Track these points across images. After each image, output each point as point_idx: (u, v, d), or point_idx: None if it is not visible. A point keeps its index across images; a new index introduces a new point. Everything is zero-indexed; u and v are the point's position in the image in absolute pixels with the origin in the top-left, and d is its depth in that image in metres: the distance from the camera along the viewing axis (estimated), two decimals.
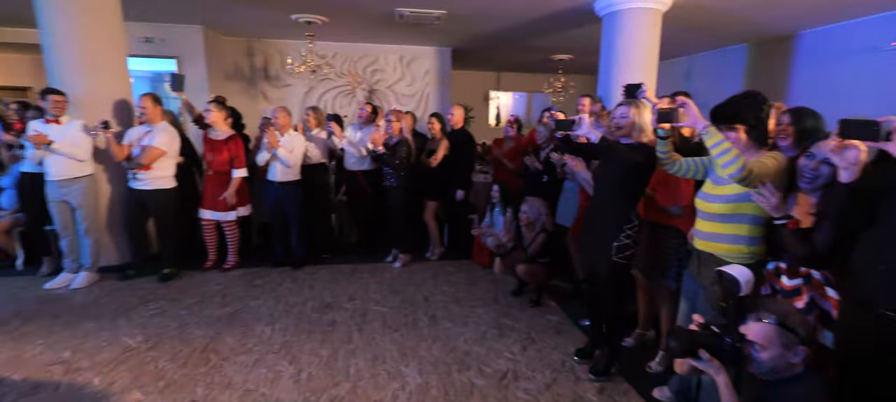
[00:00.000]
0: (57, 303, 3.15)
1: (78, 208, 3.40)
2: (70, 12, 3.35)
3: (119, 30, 3.66)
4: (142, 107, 3.35)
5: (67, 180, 3.33)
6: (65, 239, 3.48)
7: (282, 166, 3.67)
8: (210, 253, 3.90)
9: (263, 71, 7.21)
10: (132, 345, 2.57)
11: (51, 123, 3.25)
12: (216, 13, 5.46)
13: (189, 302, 3.19)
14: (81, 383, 2.21)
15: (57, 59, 3.40)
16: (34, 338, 2.64)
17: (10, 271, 3.79)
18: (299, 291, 3.46)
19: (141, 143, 3.39)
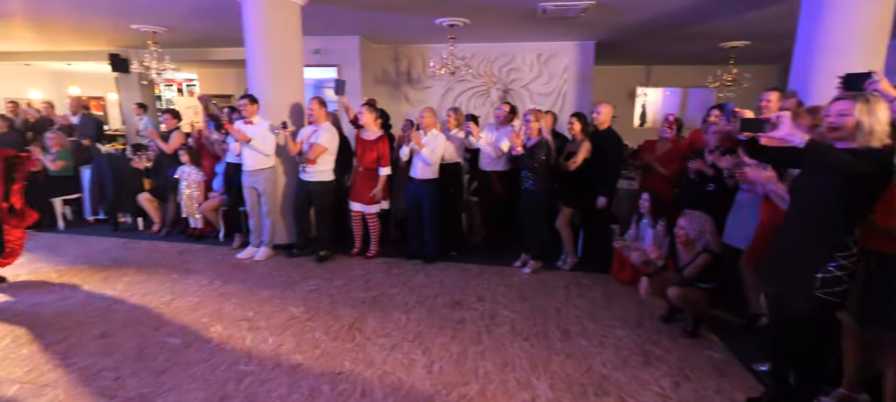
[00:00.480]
0: (244, 271, 3.83)
1: (262, 194, 4.09)
2: (265, 33, 4.04)
3: (299, 45, 4.30)
4: (311, 109, 3.87)
5: (256, 171, 4.02)
6: (252, 219, 4.22)
7: (423, 164, 3.86)
8: (356, 241, 4.31)
9: (407, 74, 7.76)
10: (296, 314, 2.97)
11: (247, 124, 3.96)
12: (372, 24, 6.03)
13: (339, 283, 3.57)
14: (260, 339, 2.62)
15: (254, 70, 4.13)
16: (230, 297, 3.25)
17: (213, 241, 4.75)
18: (431, 285, 3.59)
19: (309, 140, 3.91)
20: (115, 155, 5.38)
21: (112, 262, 4.05)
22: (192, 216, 4.81)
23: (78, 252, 4.33)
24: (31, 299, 3.19)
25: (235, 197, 4.39)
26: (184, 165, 4.70)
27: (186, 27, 6.20)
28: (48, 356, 2.43)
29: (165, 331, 2.72)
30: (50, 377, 2.23)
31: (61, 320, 2.86)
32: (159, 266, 3.93)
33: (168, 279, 3.60)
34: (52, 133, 5.21)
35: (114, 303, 3.14)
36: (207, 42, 7.69)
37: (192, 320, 2.88)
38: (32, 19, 6.04)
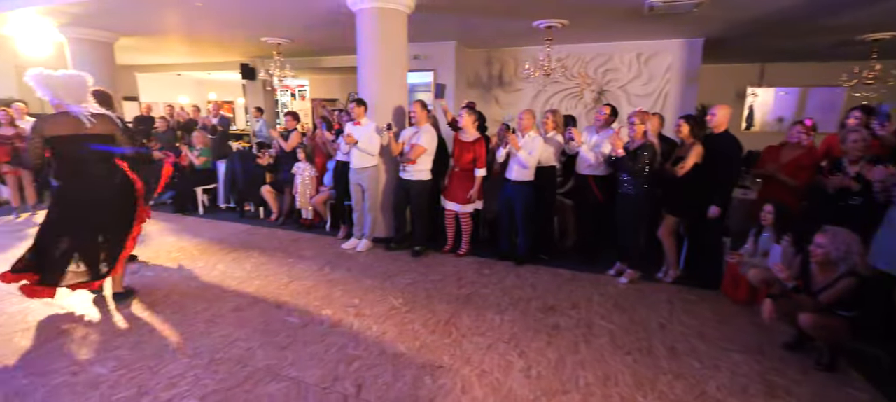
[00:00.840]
0: (349, 260, 4.17)
1: (366, 191, 4.41)
2: (375, 40, 4.36)
3: (404, 51, 4.57)
4: (413, 111, 4.08)
5: (361, 169, 4.35)
6: (356, 213, 4.58)
7: (519, 167, 3.86)
8: (448, 239, 4.45)
9: (498, 78, 7.80)
10: (396, 305, 3.17)
11: (355, 125, 4.30)
12: (468, 29, 6.18)
13: (434, 278, 3.72)
14: (365, 326, 2.84)
15: (364, 75, 4.48)
16: (337, 284, 3.57)
17: (321, 231, 5.24)
18: (522, 287, 3.58)
19: (411, 141, 4.13)
20: (244, 152, 6.18)
21: (240, 244, 4.67)
22: (305, 208, 5.35)
23: (213, 234, 5.06)
24: (181, 272, 3.81)
25: (342, 192, 4.80)
26: (299, 162, 5.26)
27: (306, 38, 6.90)
28: (196, 323, 2.89)
29: (285, 310, 3.08)
30: (199, 342, 2.65)
31: (205, 292, 3.38)
32: (277, 251, 4.44)
33: (285, 263, 4.06)
34: (197, 132, 6.16)
35: (244, 281, 3.63)
36: (320, 51, 8.48)
37: (307, 302, 3.22)
38: (185, 35, 7.18)
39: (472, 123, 4.09)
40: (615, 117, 4.09)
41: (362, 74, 4.49)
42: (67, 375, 2.26)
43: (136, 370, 2.31)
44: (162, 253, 4.31)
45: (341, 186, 4.79)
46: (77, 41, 6.32)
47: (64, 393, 2.11)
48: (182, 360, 2.41)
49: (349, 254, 4.38)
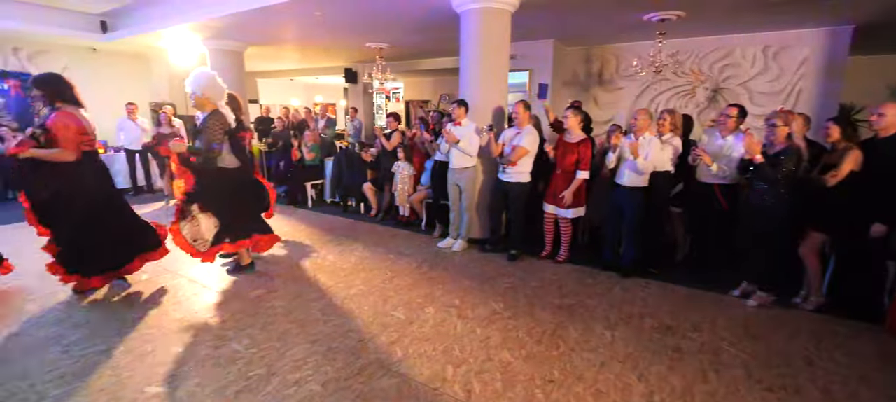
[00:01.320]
0: (445, 259, 4.22)
1: (463, 191, 4.43)
2: (479, 40, 4.35)
3: (506, 50, 4.51)
4: (515, 112, 4.00)
5: (460, 169, 4.38)
6: (452, 213, 4.62)
7: (631, 172, 3.59)
8: (546, 244, 4.29)
9: (598, 76, 7.37)
10: (497, 309, 3.12)
11: (455, 126, 4.33)
12: (568, 26, 5.91)
13: (533, 285, 3.61)
14: (468, 329, 2.83)
15: (466, 76, 4.49)
16: (437, 282, 3.62)
17: (417, 229, 5.39)
18: (632, 302, 3.31)
19: (512, 142, 4.05)
20: (349, 150, 6.60)
21: (345, 237, 4.97)
22: (402, 205, 5.55)
23: (322, 226, 5.47)
24: (298, 260, 4.15)
25: (439, 192, 4.88)
26: (399, 161, 5.46)
27: (406, 41, 7.17)
28: (313, 311, 3.11)
29: (391, 304, 3.19)
30: (317, 329, 2.84)
31: (319, 281, 3.63)
32: (378, 246, 4.65)
33: (386, 259, 4.23)
34: (309, 132, 6.70)
35: (351, 273, 3.84)
36: (417, 54, 8.76)
37: (410, 298, 3.30)
38: (299, 43, 7.87)
39: (578, 123, 3.89)
40: (744, 118, 3.61)
41: (464, 75, 4.51)
42: (210, 348, 2.56)
43: (265, 350, 2.54)
44: (281, 244, 4.75)
45: (438, 186, 4.87)
46: (216, 51, 7.25)
47: (207, 365, 2.40)
48: (303, 345, 2.60)
49: (445, 253, 4.43)
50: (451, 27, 5.90)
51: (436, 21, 5.52)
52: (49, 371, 2.32)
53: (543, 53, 6.82)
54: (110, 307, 3.09)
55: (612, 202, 3.80)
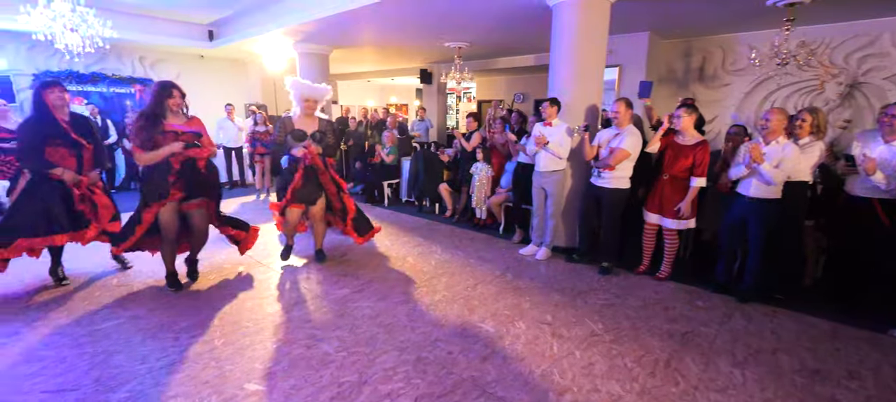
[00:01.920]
0: (530, 269, 3.96)
1: (550, 196, 4.14)
2: (574, 34, 4.03)
3: (603, 45, 4.14)
4: (616, 111, 3.63)
5: (548, 172, 4.09)
6: (536, 218, 4.34)
7: (761, 181, 3.07)
8: (644, 258, 3.86)
9: (698, 71, 6.63)
10: (596, 331, 2.81)
11: (546, 126, 4.05)
12: (669, 16, 5.34)
13: (633, 304, 3.23)
14: (566, 351, 2.56)
15: (557, 73, 4.19)
16: (524, 293, 3.38)
17: (494, 232, 5.17)
18: (759, 334, 2.82)
19: (610, 144, 3.69)
20: (427, 151, 6.56)
21: (423, 238, 4.90)
22: (479, 208, 5.37)
23: (400, 225, 5.46)
24: (379, 260, 4.13)
25: (521, 195, 4.63)
26: (478, 162, 5.29)
27: (486, 40, 7.00)
28: (399, 315, 3.02)
29: (478, 315, 3.01)
30: (404, 337, 2.74)
31: (402, 283, 3.56)
32: (457, 250, 4.50)
33: (467, 264, 4.06)
34: (388, 133, 6.77)
35: (433, 276, 3.73)
36: (493, 53, 8.55)
37: (497, 309, 3.10)
38: (378, 45, 8.01)
39: (692, 123, 3.43)
40: None
41: (556, 71, 4.21)
42: (303, 348, 2.56)
43: (355, 355, 2.48)
44: None
45: (520, 189, 4.61)
46: (304, 55, 7.61)
47: (301, 366, 2.38)
48: (392, 353, 2.51)
49: (528, 261, 4.17)
50: (536, 23, 5.63)
51: (523, 17, 5.27)
52: (161, 358, 2.44)
53: (636, 48, 6.26)
54: (211, 299, 3.25)
55: (732, 215, 3.29)
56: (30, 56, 7.17)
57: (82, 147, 3.19)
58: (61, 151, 3.09)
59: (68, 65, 7.32)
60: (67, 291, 3.33)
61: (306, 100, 3.61)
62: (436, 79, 10.51)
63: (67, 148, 3.11)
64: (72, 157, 3.13)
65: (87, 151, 3.23)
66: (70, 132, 3.11)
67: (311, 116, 3.68)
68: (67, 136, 3.08)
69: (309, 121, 3.66)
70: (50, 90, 3.03)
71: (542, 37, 6.57)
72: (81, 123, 3.25)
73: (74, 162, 3.15)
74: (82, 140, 3.19)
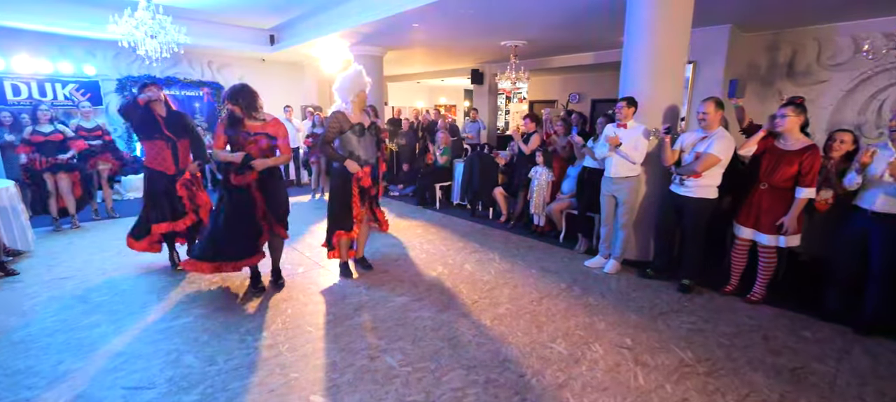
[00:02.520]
0: (600, 283, 3.66)
1: (622, 204, 3.81)
2: (653, 27, 3.68)
3: (685, 39, 3.76)
4: (704, 112, 3.25)
5: (620, 178, 3.77)
6: (604, 228, 4.02)
7: (887, 196, 2.61)
8: (733, 277, 3.45)
9: (786, 67, 5.96)
10: (686, 360, 2.49)
11: (620, 128, 3.74)
12: (761, 5, 4.81)
13: (725, 330, 2.86)
14: (656, 383, 2.28)
15: (632, 69, 3.86)
16: (596, 311, 3.10)
17: (553, 241, 4.88)
18: (892, 377, 2.38)
19: (695, 149, 3.32)
20: (482, 153, 6.38)
21: (480, 244, 4.71)
22: (538, 214, 5.10)
23: (454, 230, 5.30)
24: (436, 266, 3.99)
25: (587, 202, 4.32)
26: (538, 166, 5.03)
27: (547, 37, 6.71)
28: (462, 329, 2.85)
29: (548, 333, 2.78)
30: (471, 354, 2.57)
31: (462, 293, 3.39)
32: (516, 258, 4.27)
33: (529, 274, 3.83)
34: (442, 133, 6.65)
35: (494, 287, 3.53)
36: (550, 51, 8.22)
37: (568, 328, 2.85)
38: (431, 47, 7.92)
39: (798, 126, 3.00)
40: None
41: (630, 68, 3.88)
42: (366, 359, 2.45)
43: (420, 371, 2.34)
44: (415, 244, 4.70)
45: (586, 196, 4.31)
46: (359, 57, 7.67)
47: (366, 379, 2.27)
48: (459, 371, 2.34)
49: (596, 274, 3.86)
50: (606, 17, 5.28)
51: (593, 11, 4.95)
52: (228, 360, 2.42)
53: (714, 42, 5.73)
54: (272, 300, 3.25)
55: (850, 231, 2.83)
56: (115, 63, 7.74)
57: (177, 141, 3.47)
58: (159, 145, 3.40)
59: (147, 69, 7.83)
60: (140, 289, 3.46)
61: (361, 93, 3.41)
62: (487, 79, 10.31)
63: (164, 141, 3.40)
64: (168, 149, 3.43)
65: (182, 144, 3.51)
66: (164, 128, 3.39)
67: (363, 110, 3.50)
68: (162, 131, 3.38)
69: (362, 116, 3.48)
70: (148, 88, 3.31)
71: (609, 32, 6.20)
72: (176, 118, 3.52)
73: (170, 155, 3.45)
74: (173, 136, 3.45)
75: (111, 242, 4.60)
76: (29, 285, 3.48)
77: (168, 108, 3.50)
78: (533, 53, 8.19)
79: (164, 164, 3.52)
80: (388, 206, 6.74)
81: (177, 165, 3.54)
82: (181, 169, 3.56)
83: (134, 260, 4.03)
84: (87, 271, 3.76)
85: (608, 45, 7.39)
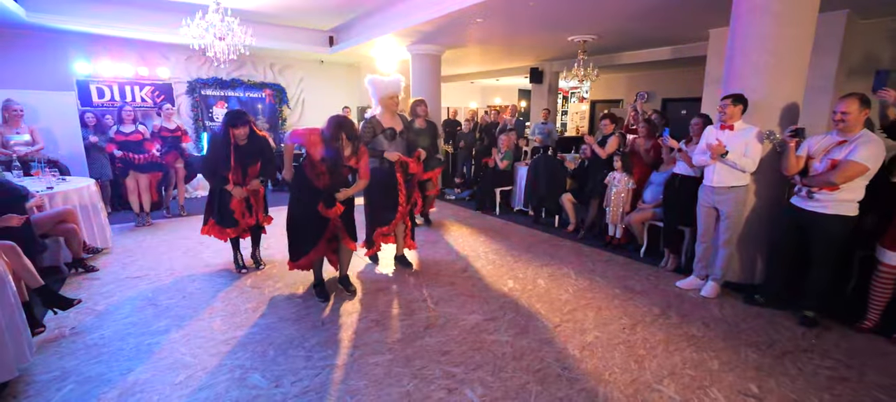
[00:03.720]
0: (699, 309, 3.17)
1: (725, 217, 3.29)
2: (768, 11, 3.14)
3: (812, 24, 3.18)
4: (844, 111, 2.69)
5: (724, 188, 3.25)
6: (701, 245, 3.51)
7: None
8: (871, 311, 2.84)
9: None
10: None
11: (724, 130, 3.23)
12: None
13: (878, 381, 2.31)
14: None
15: (738, 62, 3.33)
16: (703, 346, 2.64)
17: (631, 255, 4.40)
18: None
19: (829, 156, 2.76)
20: (549, 156, 5.97)
21: (549, 257, 4.32)
22: (614, 224, 4.63)
23: (519, 239, 4.94)
24: (504, 282, 3.66)
25: (678, 214, 3.82)
26: (615, 171, 4.56)
27: (621, 30, 6.19)
28: (547, 358, 2.51)
29: (651, 371, 2.37)
30: (563, 393, 2.22)
31: (540, 315, 3.05)
32: (594, 274, 3.85)
33: (613, 295, 3.41)
34: (505, 135, 6.31)
35: (574, 309, 3.15)
36: (622, 47, 7.64)
37: (674, 366, 2.42)
38: (489, 44, 7.56)
39: None
40: None
41: (736, 60, 3.34)
42: (443, 391, 2.18)
43: None
44: (479, 253, 4.39)
45: (678, 206, 3.81)
46: (417, 57, 7.50)
47: None
48: None
49: (693, 298, 3.37)
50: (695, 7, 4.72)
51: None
52: (295, 382, 2.24)
53: (828, 31, 4.93)
54: (334, 312, 3.07)
55: None
56: (186, 66, 8.08)
57: (247, 167, 3.55)
58: (234, 171, 3.47)
59: (215, 72, 8.11)
60: (206, 292, 3.41)
61: (391, 97, 3.47)
62: (547, 78, 9.82)
63: (230, 172, 3.46)
64: (239, 169, 3.49)
65: (252, 169, 3.58)
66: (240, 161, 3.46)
67: (395, 113, 3.56)
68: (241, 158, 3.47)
69: (394, 119, 3.54)
70: (236, 128, 3.36)
71: (696, 24, 5.58)
72: (256, 145, 3.54)
73: (241, 174, 3.53)
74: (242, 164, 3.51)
75: (180, 241, 4.68)
76: (105, 283, 3.54)
77: (252, 135, 3.51)
78: (601, 49, 7.64)
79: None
80: (445, 210, 6.50)
81: (244, 182, 3.60)
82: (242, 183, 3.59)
83: (201, 260, 4.04)
84: (158, 271, 3.79)
85: (691, 39, 6.71)
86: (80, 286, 3.45)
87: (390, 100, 3.48)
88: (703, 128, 3.63)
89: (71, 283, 3.52)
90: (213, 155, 3.48)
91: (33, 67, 6.76)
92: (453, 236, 5.08)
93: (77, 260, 3.72)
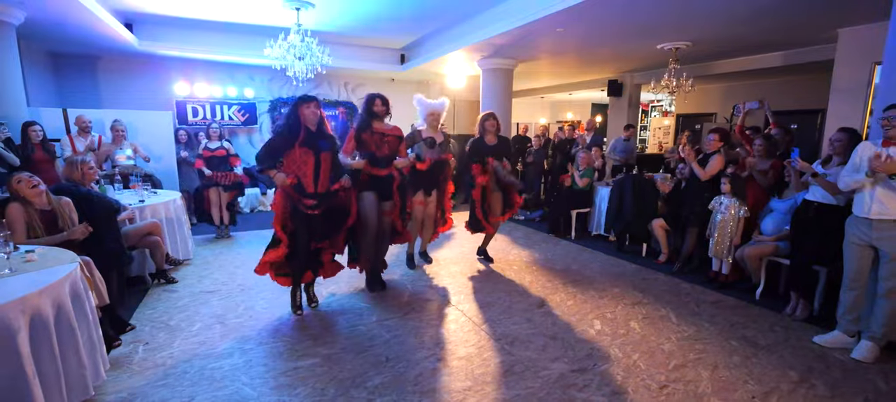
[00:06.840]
0: (854, 378, 2.46)
1: (888, 261, 2.56)
2: None
3: None
4: None
5: (889, 222, 2.54)
6: (850, 292, 2.78)
7: None
8: None
9: None
10: None
11: (889, 146, 2.52)
12: None
13: None
14: None
15: None
16: None
17: (745, 297, 3.67)
18: None
19: None
20: (637, 176, 5.35)
21: (640, 293, 3.75)
22: (721, 258, 3.93)
23: (603, 270, 4.40)
24: (595, 325, 3.18)
25: (811, 249, 3.10)
26: (723, 196, 3.88)
27: (720, 36, 5.48)
28: None
29: None
30: None
31: (640, 369, 2.54)
32: (701, 318, 3.23)
33: (730, 349, 2.78)
34: (584, 153, 5.78)
35: (680, 364, 2.60)
36: (718, 54, 6.80)
37: None
38: (564, 55, 7.08)
39: None
40: None
41: None
42: None
43: None
44: (557, 285, 3.93)
45: (811, 241, 3.09)
46: (488, 71, 7.25)
47: None
48: None
49: (840, 360, 2.65)
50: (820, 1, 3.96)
51: None
52: None
53: None
54: (398, 342, 2.80)
55: None
56: (269, 86, 8.57)
57: (321, 154, 3.11)
58: (304, 157, 3.06)
59: (293, 91, 8.50)
60: (272, 312, 3.33)
61: (430, 114, 4.07)
62: (627, 90, 9.09)
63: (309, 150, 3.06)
64: (310, 158, 3.07)
65: (325, 161, 3.14)
66: (314, 139, 3.07)
67: (436, 128, 4.15)
68: (312, 142, 3.06)
69: (436, 132, 4.14)
70: (306, 104, 3.05)
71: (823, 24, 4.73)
72: (328, 139, 3.19)
73: (311, 165, 3.07)
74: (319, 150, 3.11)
75: (253, 255, 4.75)
76: (181, 295, 3.60)
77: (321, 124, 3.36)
78: (694, 58, 6.85)
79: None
80: (514, 232, 6.08)
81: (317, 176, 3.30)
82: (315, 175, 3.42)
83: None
84: (230, 287, 3.81)
85: (810, 42, 5.76)
86: (159, 298, 3.54)
87: (431, 116, 4.08)
88: (849, 144, 2.93)
89: (152, 293, 3.63)
90: (275, 138, 3.12)
91: (139, 89, 7.51)
92: (524, 262, 4.66)
93: (160, 271, 3.85)
